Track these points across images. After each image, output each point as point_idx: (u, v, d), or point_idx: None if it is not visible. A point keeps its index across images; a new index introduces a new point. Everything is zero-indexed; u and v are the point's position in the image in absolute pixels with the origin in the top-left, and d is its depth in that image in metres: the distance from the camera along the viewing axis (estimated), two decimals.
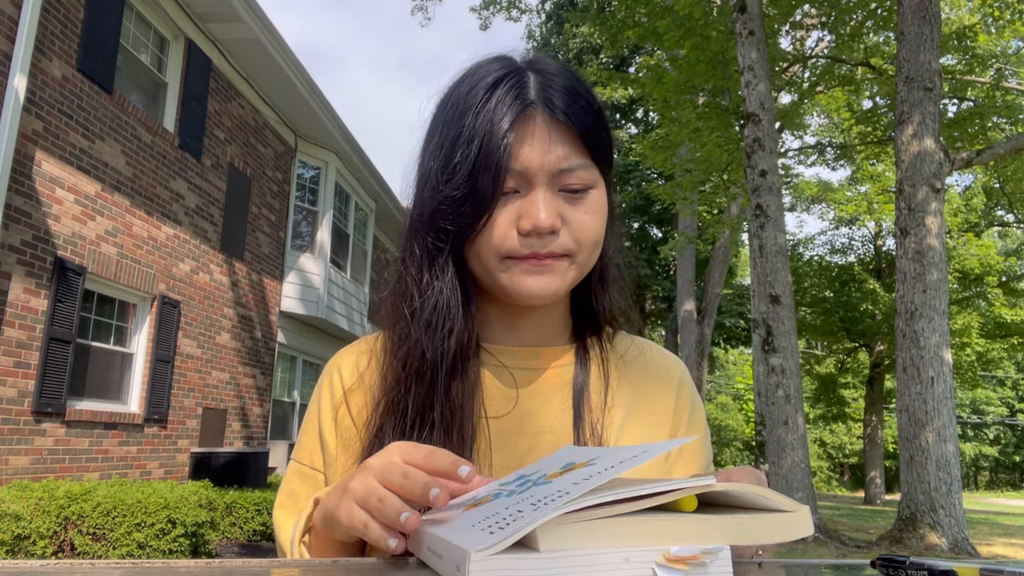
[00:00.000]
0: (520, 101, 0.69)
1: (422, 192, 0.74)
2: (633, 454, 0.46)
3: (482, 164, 0.68)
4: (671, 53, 12.77)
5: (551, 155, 0.69)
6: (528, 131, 0.69)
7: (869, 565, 0.51)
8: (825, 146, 19.37)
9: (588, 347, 0.81)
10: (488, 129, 0.68)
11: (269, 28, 8.44)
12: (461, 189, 0.69)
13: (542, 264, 0.70)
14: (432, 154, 0.73)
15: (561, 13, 20.61)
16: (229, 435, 8.87)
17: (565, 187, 0.71)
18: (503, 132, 0.68)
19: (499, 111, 0.69)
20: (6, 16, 5.38)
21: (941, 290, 7.79)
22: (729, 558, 0.41)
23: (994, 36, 14.56)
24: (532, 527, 0.39)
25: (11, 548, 4.67)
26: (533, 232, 0.69)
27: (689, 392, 0.83)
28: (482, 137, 0.68)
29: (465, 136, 0.69)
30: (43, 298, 5.81)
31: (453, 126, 0.71)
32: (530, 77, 0.72)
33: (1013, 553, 8.58)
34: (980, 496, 36.56)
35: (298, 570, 0.48)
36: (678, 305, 18.54)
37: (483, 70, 0.73)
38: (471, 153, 0.68)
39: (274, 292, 10.25)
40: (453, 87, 0.75)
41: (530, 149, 0.69)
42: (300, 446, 0.79)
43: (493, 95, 0.70)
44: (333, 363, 0.81)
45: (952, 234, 18.94)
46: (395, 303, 0.76)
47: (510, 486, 0.52)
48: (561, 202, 0.70)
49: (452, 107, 0.73)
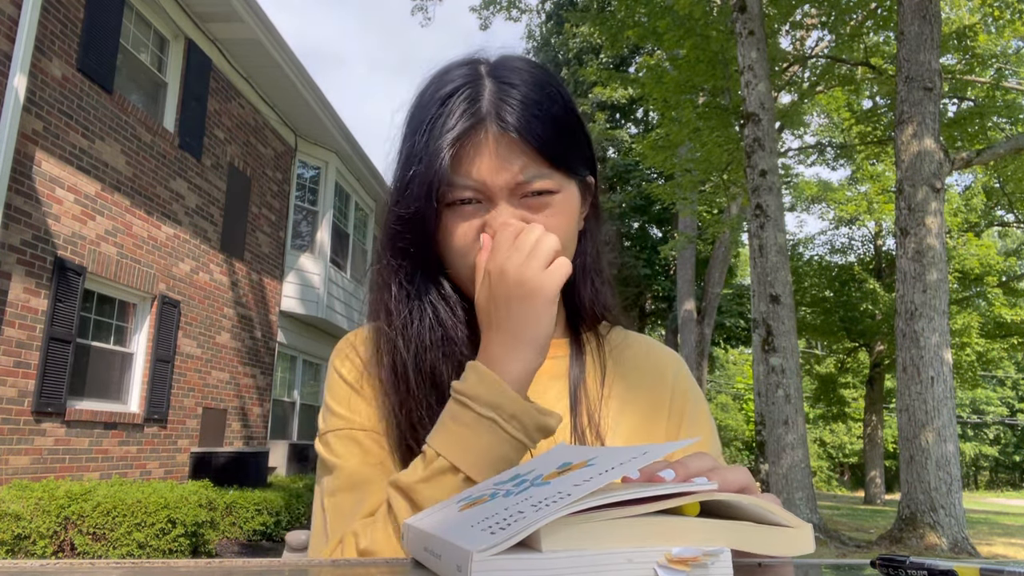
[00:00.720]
0: (469, 116, 0.70)
1: (386, 214, 0.76)
2: (633, 455, 0.46)
3: (424, 182, 0.69)
4: (671, 53, 12.76)
5: (504, 172, 0.70)
6: (480, 147, 0.70)
7: (869, 565, 0.51)
8: (825, 146, 19.37)
9: (583, 340, 0.81)
10: (435, 146, 0.69)
11: (269, 28, 8.44)
12: (410, 208, 0.71)
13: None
14: (395, 171, 0.75)
15: (561, 13, 20.61)
16: (229, 435, 8.87)
17: (526, 195, 0.71)
18: (444, 148, 0.69)
19: (447, 126, 0.69)
20: (6, 16, 5.38)
21: (941, 290, 7.79)
22: (730, 560, 0.41)
23: (994, 36, 14.55)
24: (535, 527, 0.39)
25: (11, 548, 4.67)
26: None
27: (687, 384, 0.83)
28: (430, 155, 0.69)
29: (416, 154, 0.71)
30: (43, 298, 5.81)
31: (407, 140, 0.73)
32: (486, 88, 0.71)
33: (1013, 553, 8.58)
34: (980, 496, 36.56)
35: (299, 569, 0.48)
36: (678, 305, 18.54)
37: (444, 78, 0.73)
38: (419, 172, 0.70)
39: (274, 292, 10.26)
40: (417, 96, 0.75)
41: (481, 165, 0.69)
42: (335, 415, 0.75)
43: (444, 108, 0.70)
44: (346, 341, 0.81)
45: (952, 234, 18.94)
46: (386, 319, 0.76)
47: (506, 486, 0.52)
48: (524, 210, 0.71)
49: (411, 119, 0.74)
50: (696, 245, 17.19)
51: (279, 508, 6.90)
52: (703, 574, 0.40)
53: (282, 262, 10.50)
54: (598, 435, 0.74)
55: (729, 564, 0.41)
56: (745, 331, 21.58)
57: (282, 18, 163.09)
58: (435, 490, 0.61)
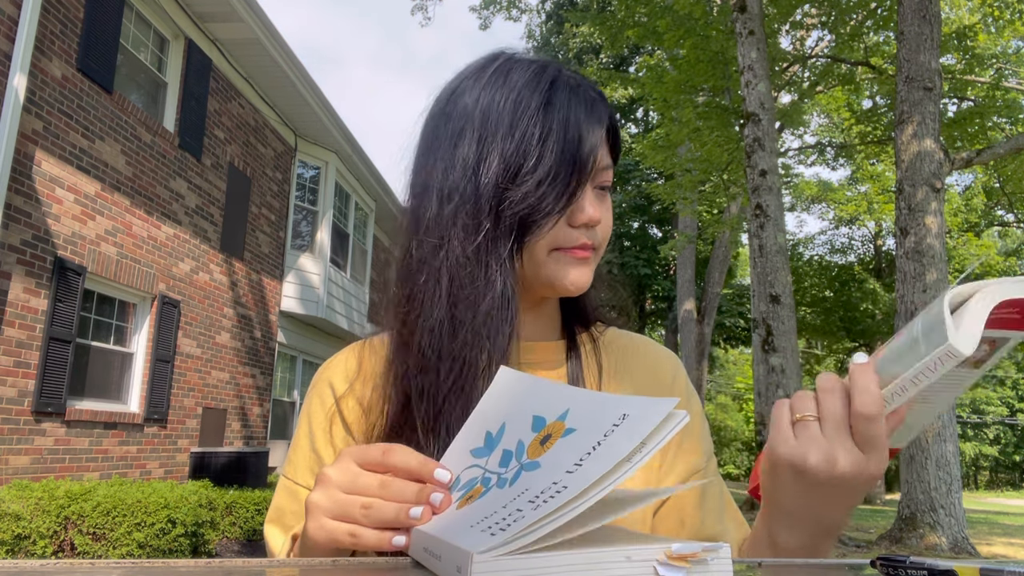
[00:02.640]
0: (589, 102, 0.73)
1: (480, 181, 0.70)
2: (613, 421, 0.45)
3: (569, 160, 0.70)
4: (671, 53, 12.77)
5: (601, 154, 0.73)
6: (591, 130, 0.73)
7: (869, 565, 0.51)
8: (825, 146, 19.37)
9: (579, 341, 0.81)
10: (577, 127, 0.70)
11: (269, 28, 8.44)
12: (545, 182, 0.69)
13: (584, 255, 0.74)
14: (498, 145, 0.70)
15: (561, 13, 20.61)
16: (229, 435, 8.87)
17: (598, 185, 0.74)
18: (592, 130, 0.71)
19: (579, 108, 0.71)
20: (6, 16, 5.38)
21: (941, 290, 7.78)
22: (729, 555, 0.41)
23: (994, 36, 14.56)
24: (539, 534, 0.39)
25: (11, 548, 4.67)
26: (585, 224, 0.72)
27: (683, 385, 0.83)
28: (570, 134, 0.70)
29: (554, 129, 0.70)
30: (43, 298, 5.81)
31: (530, 118, 0.70)
32: (580, 81, 0.75)
33: (1013, 553, 8.58)
34: (980, 496, 36.56)
35: (297, 570, 0.48)
36: (678, 305, 18.54)
37: (539, 68, 0.74)
38: (555, 150, 0.69)
39: (274, 292, 10.26)
40: (504, 85, 0.73)
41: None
42: (289, 462, 0.78)
43: (563, 95, 0.72)
44: (322, 375, 0.80)
45: (952, 234, 18.94)
46: (427, 302, 0.70)
47: (489, 461, 0.52)
48: (596, 199, 0.74)
49: (518, 98, 0.71)
50: (696, 245, 17.20)
51: None
52: (703, 570, 0.40)
53: (282, 262, 10.50)
54: None
55: (729, 559, 0.41)
56: (745, 331, 21.59)
57: (282, 18, 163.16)
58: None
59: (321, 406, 0.78)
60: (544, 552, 0.39)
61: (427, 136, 0.76)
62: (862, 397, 0.53)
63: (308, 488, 0.75)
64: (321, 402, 0.78)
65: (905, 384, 0.52)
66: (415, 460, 0.55)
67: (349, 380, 0.78)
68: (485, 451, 0.54)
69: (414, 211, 0.74)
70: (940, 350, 0.48)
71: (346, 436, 0.76)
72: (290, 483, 0.77)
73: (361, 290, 12.82)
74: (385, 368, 0.75)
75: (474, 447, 0.55)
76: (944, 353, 0.48)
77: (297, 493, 0.76)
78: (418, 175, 0.75)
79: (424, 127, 0.77)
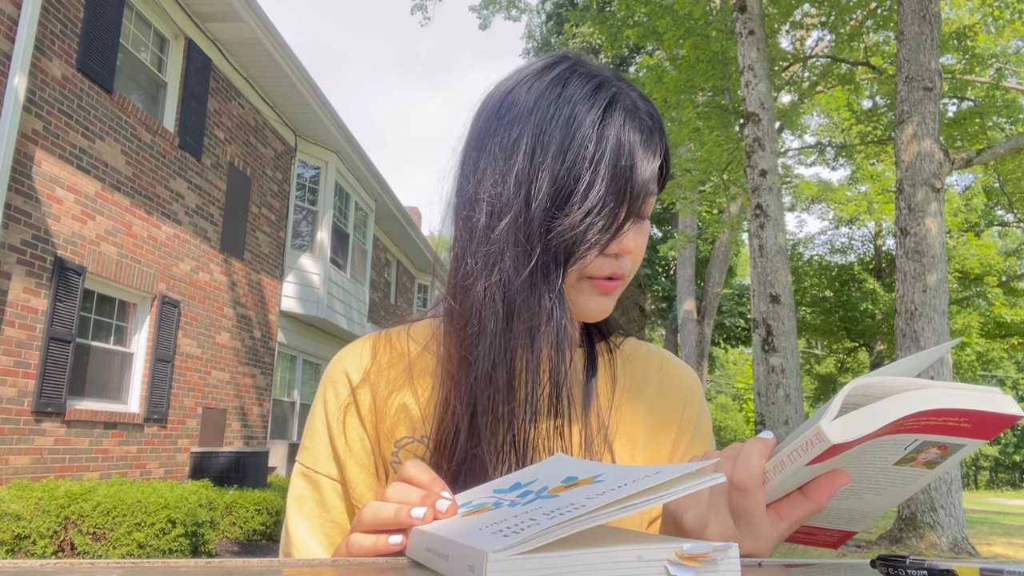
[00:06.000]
0: (643, 127, 0.69)
1: (531, 203, 0.67)
2: (645, 474, 0.45)
3: (621, 188, 0.67)
4: (671, 53, 12.77)
5: (653, 189, 0.71)
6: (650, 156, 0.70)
7: (869, 565, 0.51)
8: (825, 146, 19.37)
9: (596, 352, 0.81)
10: (629, 154, 0.67)
11: (269, 27, 8.44)
12: (592, 212, 0.66)
13: (611, 286, 0.71)
14: (548, 164, 0.68)
15: (561, 13, 20.60)
16: (229, 435, 8.87)
17: (641, 215, 0.71)
18: (643, 159, 0.68)
19: (632, 131, 0.68)
20: (6, 16, 5.38)
21: (941, 290, 7.79)
22: (738, 555, 0.42)
23: (994, 36, 14.55)
24: (560, 535, 0.39)
25: (11, 548, 4.67)
26: (619, 255, 0.70)
27: (698, 403, 0.83)
28: (624, 162, 0.67)
29: (606, 155, 0.67)
30: (43, 298, 5.81)
31: (582, 140, 0.67)
32: (640, 100, 0.72)
33: (1013, 553, 8.58)
34: (980, 496, 36.55)
35: (298, 570, 0.48)
36: (678, 305, 18.55)
37: (590, 80, 0.71)
38: (608, 175, 0.67)
39: (274, 292, 10.26)
40: (563, 87, 0.70)
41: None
42: (305, 449, 0.78)
43: (618, 114, 0.68)
44: (337, 364, 0.80)
45: (952, 234, 18.95)
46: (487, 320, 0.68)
47: (508, 495, 0.52)
48: (635, 228, 0.72)
49: (555, 121, 0.68)
50: (696, 245, 17.20)
51: (279, 508, 6.90)
52: (713, 570, 0.40)
53: (282, 262, 10.50)
54: (606, 442, 0.74)
55: (737, 559, 0.41)
56: (745, 331, 21.59)
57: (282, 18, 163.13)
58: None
59: (335, 396, 0.78)
60: (557, 551, 0.39)
61: (479, 135, 0.72)
62: (739, 469, 0.54)
63: (328, 476, 0.76)
64: (335, 392, 0.78)
65: (782, 459, 0.53)
66: (427, 475, 0.56)
67: (364, 371, 0.78)
68: (507, 491, 0.54)
69: (466, 219, 0.71)
70: (810, 432, 0.49)
71: (359, 427, 0.76)
72: (307, 470, 0.77)
73: (361, 290, 12.82)
74: (443, 375, 0.73)
75: (498, 488, 0.56)
76: (813, 435, 0.49)
77: (317, 482, 0.76)
78: (467, 178, 0.72)
79: (475, 123, 0.74)
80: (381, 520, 0.54)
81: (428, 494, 0.53)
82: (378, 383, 0.76)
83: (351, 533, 0.56)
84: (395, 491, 0.55)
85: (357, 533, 0.55)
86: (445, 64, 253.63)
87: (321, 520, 0.75)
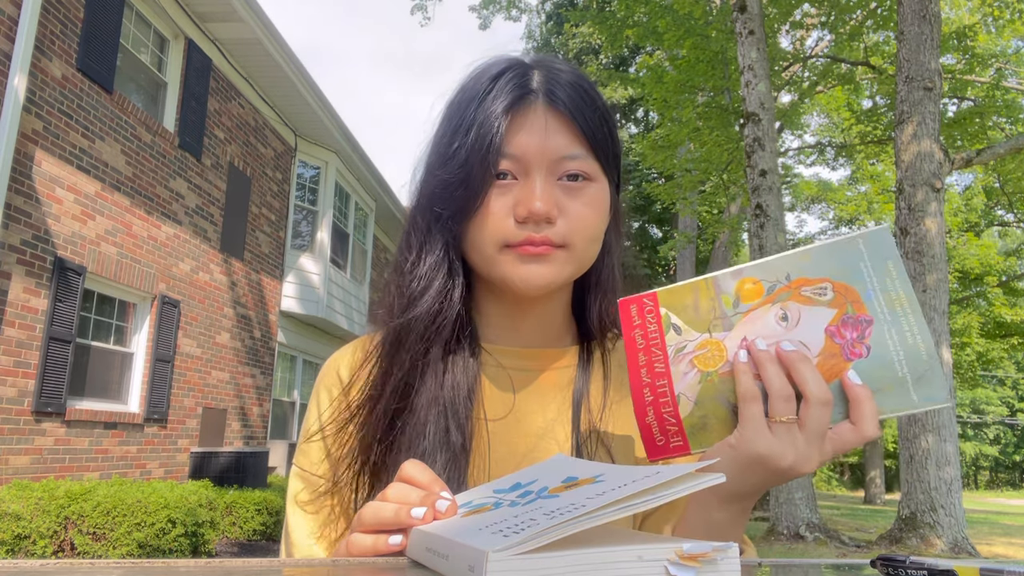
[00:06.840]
0: (520, 89, 0.71)
1: (422, 180, 0.76)
2: (646, 474, 0.46)
3: (476, 148, 0.69)
4: (671, 53, 12.77)
5: (549, 142, 0.70)
6: (527, 118, 0.70)
7: (869, 565, 0.52)
8: (825, 146, 19.37)
9: (591, 350, 0.80)
10: (485, 115, 0.70)
11: (269, 28, 8.44)
12: (456, 174, 0.70)
13: (539, 252, 0.69)
14: (435, 144, 0.76)
15: (561, 13, 20.60)
16: (229, 435, 8.87)
17: (563, 176, 0.71)
18: (497, 115, 0.69)
19: (498, 98, 0.70)
20: (6, 16, 5.38)
21: (941, 290, 7.79)
22: (738, 555, 0.42)
23: (994, 36, 14.55)
24: (560, 535, 0.39)
25: (11, 548, 4.67)
26: (529, 218, 0.68)
27: None
28: (480, 123, 0.70)
29: (465, 124, 0.71)
30: (43, 298, 5.81)
31: (455, 116, 0.73)
32: (535, 71, 0.73)
33: (1013, 553, 8.58)
34: (980, 496, 36.56)
35: (298, 570, 0.48)
36: None
37: (490, 65, 0.75)
38: (468, 140, 0.70)
39: (274, 292, 10.26)
40: (460, 84, 0.76)
41: (527, 136, 0.69)
42: (301, 451, 0.79)
43: (495, 85, 0.71)
44: (331, 365, 0.82)
45: (952, 234, 18.94)
46: (389, 292, 0.77)
47: (508, 495, 0.52)
48: (559, 192, 0.70)
49: (457, 100, 0.75)
50: (696, 245, 17.19)
51: (279, 508, 6.90)
52: (713, 570, 0.41)
53: (282, 262, 10.50)
54: (600, 443, 0.74)
55: (737, 559, 0.42)
56: None
57: (282, 18, 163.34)
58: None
59: (328, 396, 0.79)
60: (557, 551, 0.39)
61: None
62: (870, 424, 0.57)
63: (323, 477, 0.77)
64: (328, 392, 0.79)
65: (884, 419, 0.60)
66: (426, 476, 0.56)
67: (354, 371, 0.79)
68: (507, 491, 0.54)
69: (411, 215, 0.79)
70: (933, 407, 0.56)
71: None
72: (302, 471, 0.78)
73: (361, 290, 12.82)
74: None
75: (498, 488, 0.56)
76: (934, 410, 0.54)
77: (311, 481, 0.77)
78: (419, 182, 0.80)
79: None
80: (381, 520, 0.54)
81: (428, 494, 0.54)
82: (369, 383, 0.77)
83: (351, 533, 0.57)
84: (395, 491, 0.56)
85: (357, 533, 0.56)
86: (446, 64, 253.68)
87: (320, 520, 0.75)
